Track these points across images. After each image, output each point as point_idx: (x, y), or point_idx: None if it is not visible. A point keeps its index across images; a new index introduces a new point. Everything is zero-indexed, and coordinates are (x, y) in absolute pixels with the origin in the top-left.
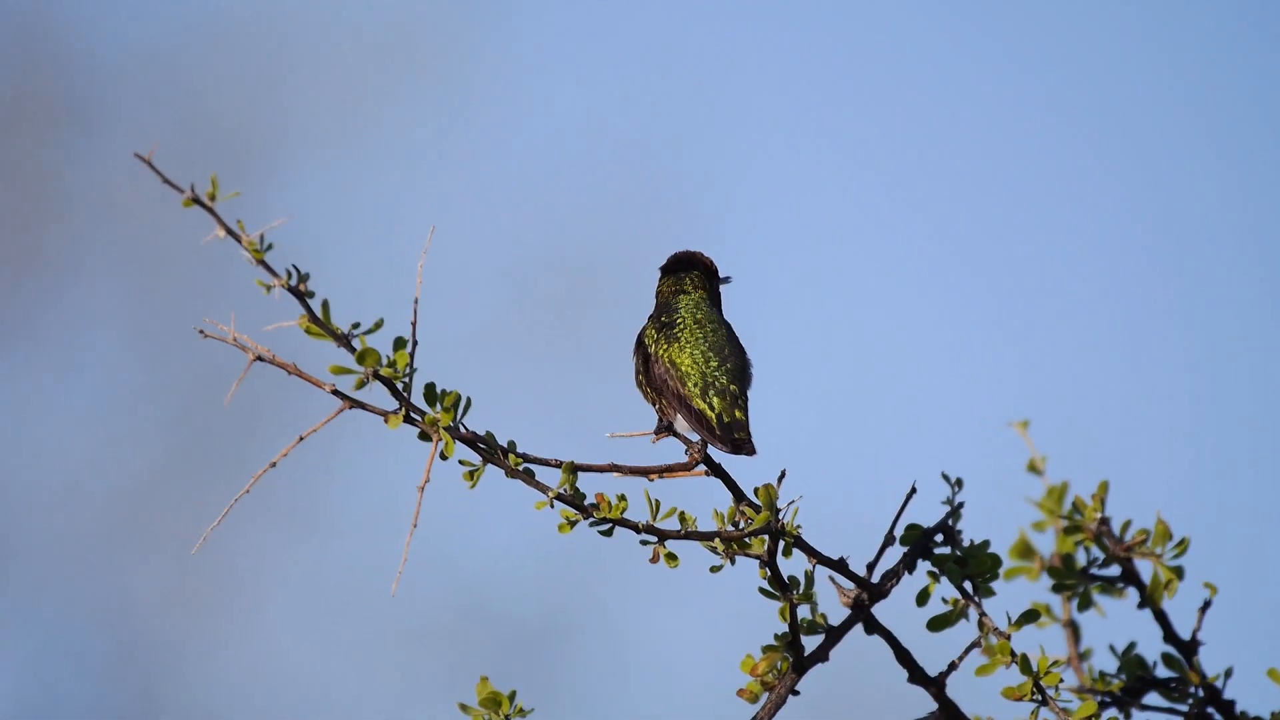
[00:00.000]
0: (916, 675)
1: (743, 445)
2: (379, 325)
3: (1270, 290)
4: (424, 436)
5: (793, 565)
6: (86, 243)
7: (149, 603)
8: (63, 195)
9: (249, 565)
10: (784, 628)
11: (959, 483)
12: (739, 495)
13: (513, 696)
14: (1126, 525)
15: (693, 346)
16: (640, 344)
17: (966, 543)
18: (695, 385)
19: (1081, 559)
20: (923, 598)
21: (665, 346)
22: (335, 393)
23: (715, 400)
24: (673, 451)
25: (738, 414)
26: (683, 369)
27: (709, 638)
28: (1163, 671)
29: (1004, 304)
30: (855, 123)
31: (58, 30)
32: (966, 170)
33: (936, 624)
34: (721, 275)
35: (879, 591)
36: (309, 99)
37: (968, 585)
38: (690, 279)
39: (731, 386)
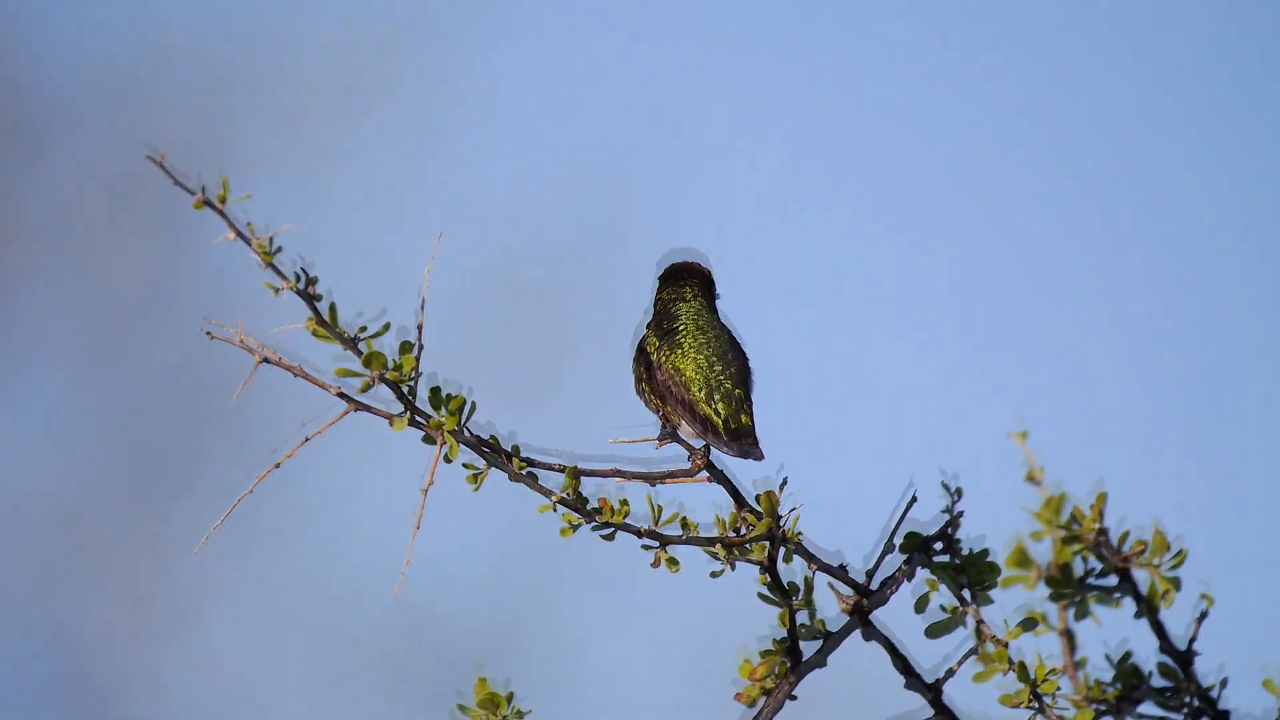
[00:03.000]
0: (914, 681)
1: (750, 451)
2: (386, 329)
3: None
4: (428, 440)
5: (792, 571)
6: (32, 262)
7: (96, 628)
8: (11, 216)
9: (193, 584)
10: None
11: (958, 492)
12: (740, 501)
13: (510, 698)
14: (1124, 536)
15: (695, 352)
16: (641, 351)
17: (965, 551)
18: (700, 390)
19: (1079, 569)
20: (921, 604)
21: (668, 353)
22: (341, 395)
23: (721, 405)
24: (675, 457)
25: (744, 419)
26: (687, 375)
27: (663, 647)
28: (1158, 680)
29: (1006, 309)
30: (847, 120)
31: (4, 49)
32: (966, 171)
33: (934, 630)
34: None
35: (878, 598)
36: (263, 118)
37: (966, 593)
38: (689, 287)
39: (736, 390)
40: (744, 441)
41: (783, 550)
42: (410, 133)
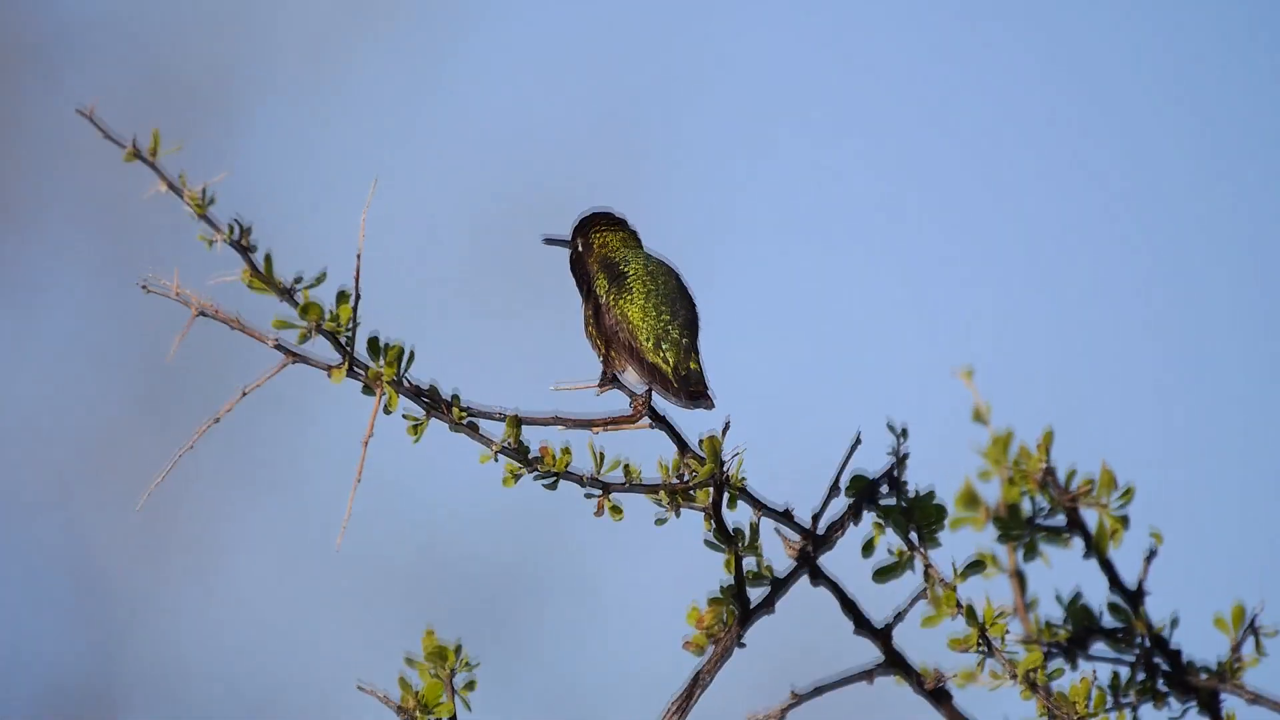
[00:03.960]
0: (862, 626)
1: (700, 397)
2: (322, 278)
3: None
4: (368, 390)
5: (738, 517)
6: (48, 189)
7: (110, 551)
8: (26, 144)
9: (213, 516)
10: (729, 579)
11: (904, 432)
12: (683, 447)
13: (459, 649)
14: (1071, 474)
15: (644, 299)
16: (590, 293)
17: (912, 493)
18: (648, 339)
19: (1027, 508)
20: (868, 548)
21: (616, 297)
22: (278, 347)
23: (669, 353)
24: (617, 403)
25: (692, 365)
26: (634, 322)
27: (671, 588)
28: (1109, 621)
29: (956, 258)
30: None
31: None
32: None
33: (882, 575)
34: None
35: (824, 542)
36: (278, 49)
37: (913, 535)
38: (621, 234)
39: (684, 339)
40: (694, 389)
41: (727, 496)
42: (421, 59)
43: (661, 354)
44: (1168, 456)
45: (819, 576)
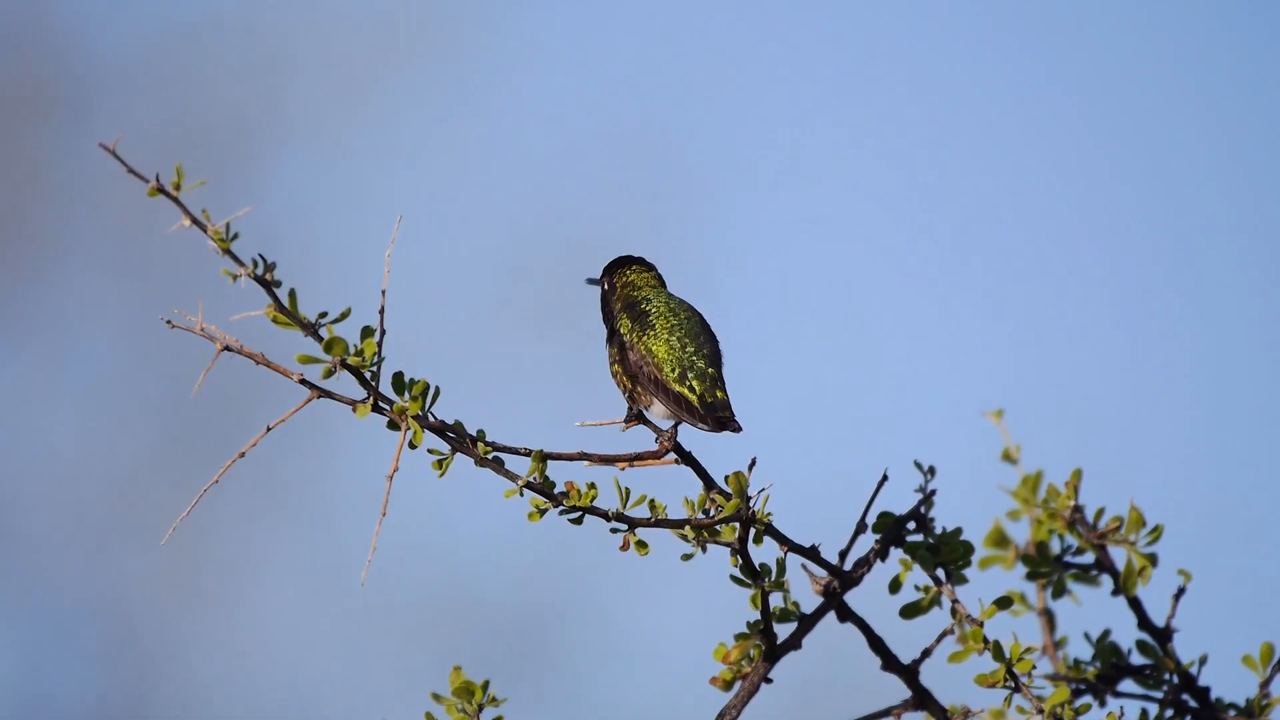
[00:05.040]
0: (889, 663)
1: (727, 422)
2: (346, 314)
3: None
4: (393, 425)
5: (765, 553)
6: (76, 231)
7: (140, 592)
8: (53, 183)
9: (239, 553)
10: (757, 616)
11: (931, 470)
12: (709, 483)
13: (486, 686)
14: (1100, 513)
15: (668, 334)
16: (614, 334)
17: (939, 530)
18: (673, 370)
19: (1056, 547)
20: (895, 585)
21: (640, 335)
22: (303, 382)
23: (695, 383)
24: (643, 440)
25: (719, 394)
26: (659, 356)
27: (697, 625)
28: (1137, 659)
29: (985, 297)
30: (850, 112)
31: (52, 18)
32: (958, 163)
33: (909, 611)
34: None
35: (851, 579)
36: (306, 88)
37: (940, 573)
38: (649, 275)
39: (710, 370)
40: (720, 414)
41: (753, 531)
42: (452, 99)
43: (687, 383)
44: (1196, 495)
45: (846, 613)
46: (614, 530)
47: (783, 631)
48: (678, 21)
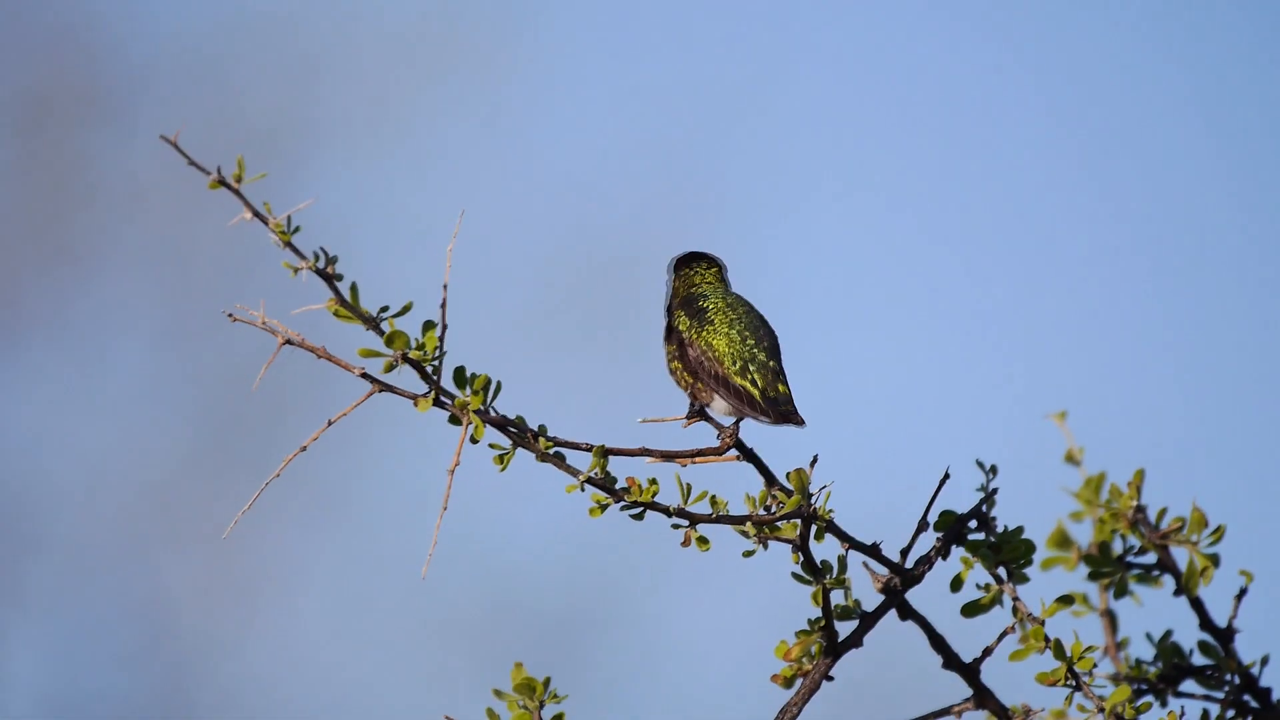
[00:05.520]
0: (950, 661)
1: (790, 415)
2: (408, 308)
3: None
4: (454, 420)
5: (826, 550)
6: (114, 235)
7: (179, 595)
8: (91, 187)
9: (279, 555)
10: (817, 614)
11: (993, 469)
12: (770, 479)
13: (547, 683)
14: (1162, 513)
15: (727, 328)
16: (673, 330)
17: (1000, 529)
18: (734, 364)
19: (1118, 547)
20: (956, 584)
21: (699, 330)
22: (365, 376)
23: (757, 376)
24: (704, 437)
25: (780, 388)
26: (719, 350)
27: (741, 626)
28: (1199, 659)
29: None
30: (892, 118)
31: (88, 22)
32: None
33: (970, 610)
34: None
35: (912, 577)
36: (341, 92)
37: (1001, 571)
38: (710, 271)
39: (771, 363)
40: (783, 407)
41: (814, 528)
42: (487, 104)
43: (749, 377)
44: (1259, 494)
45: (907, 611)
46: (675, 526)
47: (844, 629)
48: (710, 30)
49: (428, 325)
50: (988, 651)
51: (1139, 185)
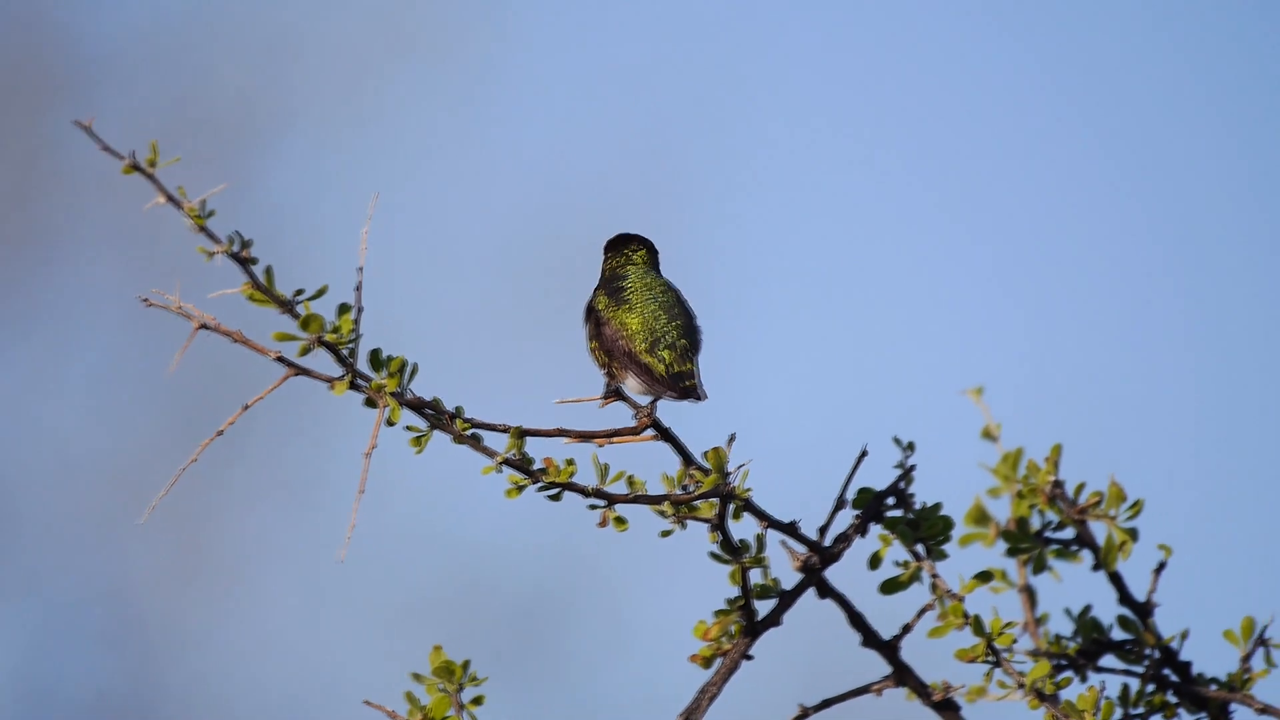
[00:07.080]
0: (870, 639)
1: (691, 391)
2: (323, 291)
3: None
4: (370, 403)
5: (745, 529)
6: (81, 218)
7: (147, 580)
8: (57, 170)
9: (246, 541)
10: (736, 593)
11: (910, 446)
12: (688, 459)
13: (466, 665)
14: (1080, 488)
15: (642, 307)
16: (591, 310)
17: (919, 506)
18: (644, 342)
19: (1036, 523)
20: (875, 561)
21: (615, 309)
22: (280, 359)
23: (665, 353)
24: (622, 417)
25: (687, 365)
26: (631, 328)
27: (682, 603)
28: (1118, 634)
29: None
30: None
31: (55, 3)
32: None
33: (889, 587)
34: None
35: (830, 555)
36: (311, 74)
37: (920, 548)
38: (637, 254)
39: (680, 341)
40: (685, 383)
41: (732, 507)
42: (458, 86)
43: (658, 354)
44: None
45: (826, 589)
46: (592, 507)
47: (763, 608)
48: (683, 18)
49: (343, 308)
50: (907, 629)
51: (1066, 167)
